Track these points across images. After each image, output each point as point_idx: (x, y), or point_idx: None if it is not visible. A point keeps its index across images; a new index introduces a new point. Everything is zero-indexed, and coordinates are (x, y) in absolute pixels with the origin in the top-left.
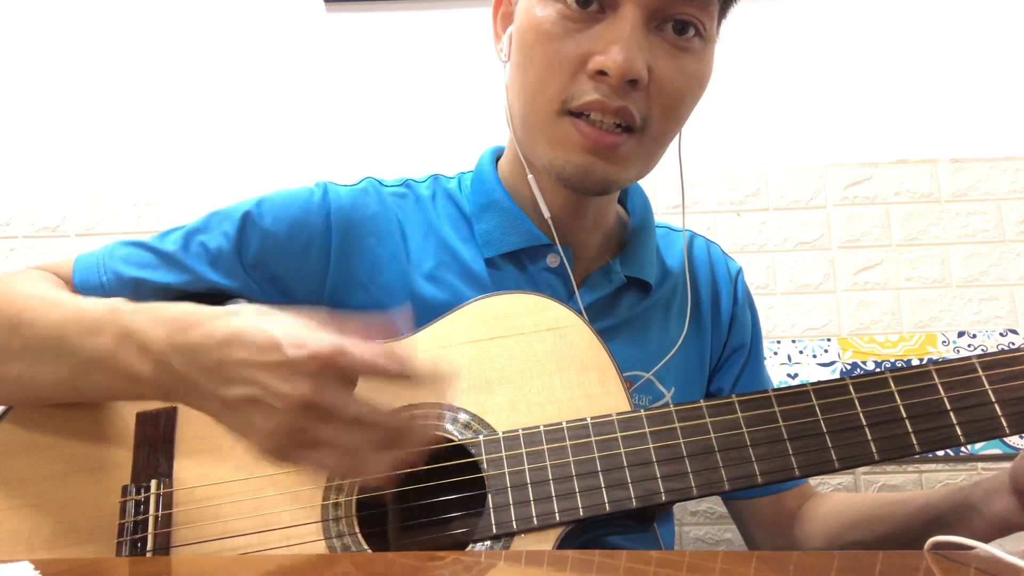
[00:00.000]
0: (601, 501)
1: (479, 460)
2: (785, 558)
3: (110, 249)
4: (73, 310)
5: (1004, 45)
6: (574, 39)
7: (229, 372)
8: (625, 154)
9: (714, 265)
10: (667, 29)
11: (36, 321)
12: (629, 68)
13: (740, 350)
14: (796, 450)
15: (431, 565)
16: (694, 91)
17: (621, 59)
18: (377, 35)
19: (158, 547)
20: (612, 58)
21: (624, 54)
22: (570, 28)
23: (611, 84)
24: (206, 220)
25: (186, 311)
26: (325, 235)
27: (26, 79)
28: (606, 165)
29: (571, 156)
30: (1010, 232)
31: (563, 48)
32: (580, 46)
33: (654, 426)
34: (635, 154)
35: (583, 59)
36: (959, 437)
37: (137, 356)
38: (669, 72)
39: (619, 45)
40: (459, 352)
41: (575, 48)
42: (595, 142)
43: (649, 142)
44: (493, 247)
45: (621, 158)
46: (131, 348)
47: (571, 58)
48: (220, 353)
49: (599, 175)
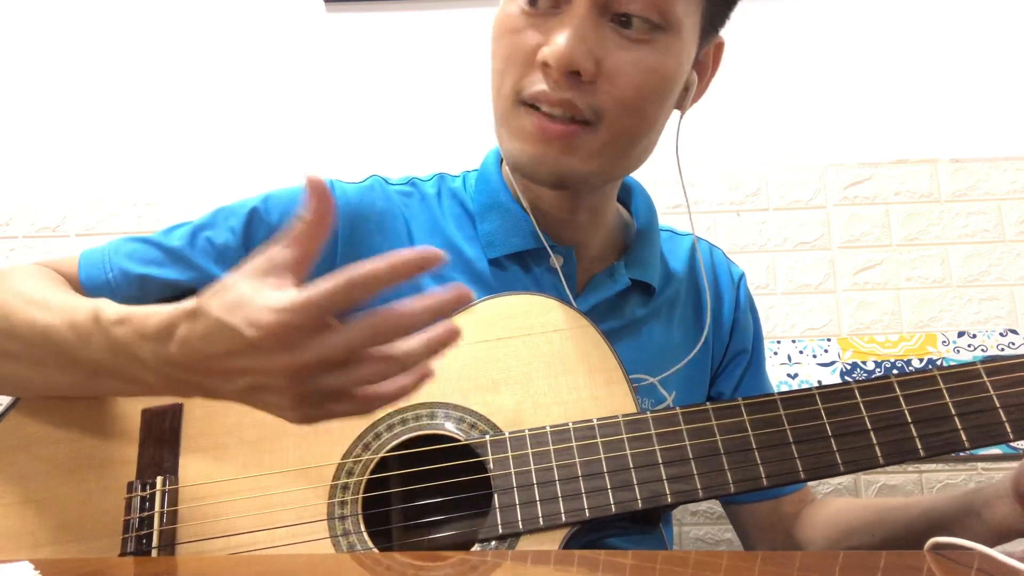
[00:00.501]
0: (607, 502)
1: (485, 460)
2: (789, 557)
3: (115, 245)
4: (61, 314)
5: (1004, 45)
6: (530, 32)
7: (219, 367)
8: (579, 145)
9: (717, 270)
10: (623, 22)
11: (28, 324)
12: (568, 59)
13: (741, 355)
14: (801, 453)
15: (437, 564)
16: (654, 84)
17: (560, 50)
18: (377, 35)
19: (163, 544)
20: (552, 49)
21: (564, 45)
22: (528, 22)
23: (552, 76)
24: (212, 216)
25: (160, 321)
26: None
27: (26, 79)
28: (557, 155)
29: (525, 146)
30: (1010, 232)
31: (520, 41)
32: (534, 39)
33: (660, 428)
34: (593, 147)
35: (534, 51)
36: (964, 442)
37: (137, 368)
38: (622, 64)
39: (562, 35)
40: (465, 352)
41: (530, 40)
42: (543, 131)
43: (609, 136)
44: (497, 248)
45: (574, 149)
46: (127, 360)
47: (525, 50)
48: (203, 357)
49: (550, 165)
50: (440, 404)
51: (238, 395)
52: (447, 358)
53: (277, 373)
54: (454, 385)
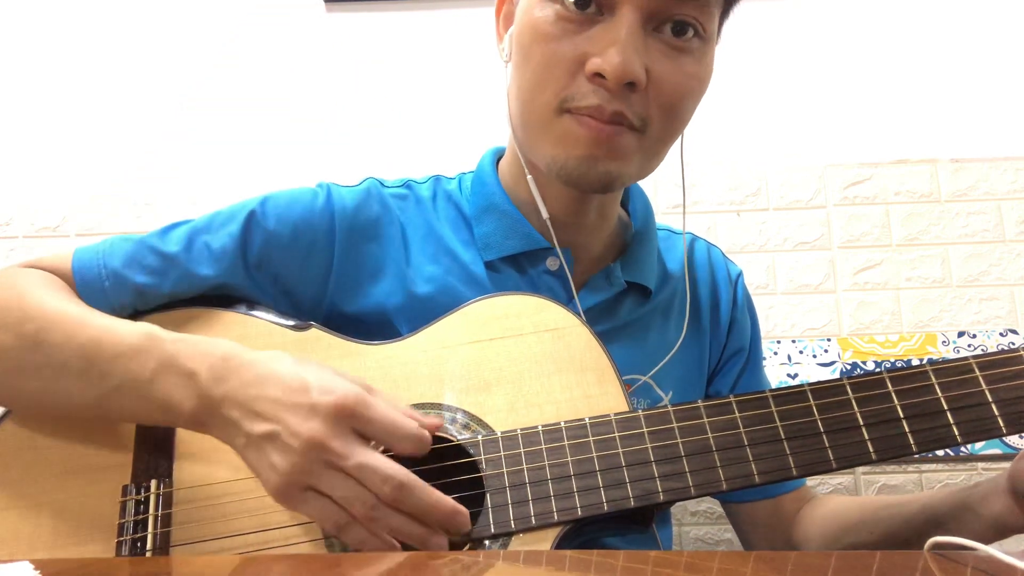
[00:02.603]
0: (599, 501)
1: (477, 460)
2: (783, 557)
3: (109, 247)
4: (105, 332)
5: (1004, 45)
6: (571, 40)
7: (259, 408)
8: (625, 147)
9: (714, 268)
10: (665, 31)
11: (62, 341)
12: (626, 71)
13: (739, 354)
14: (793, 450)
15: (430, 564)
16: (694, 91)
17: (618, 62)
18: (377, 35)
19: (158, 546)
20: (609, 61)
21: (621, 56)
22: (567, 29)
23: (608, 87)
24: (210, 219)
25: (228, 348)
26: (329, 238)
27: (26, 79)
28: (607, 159)
29: (574, 151)
30: (1010, 232)
31: (560, 49)
32: (577, 47)
33: (652, 426)
34: (635, 150)
35: (580, 60)
36: (956, 437)
37: (179, 385)
38: (667, 73)
39: (616, 48)
40: (458, 353)
41: (572, 49)
42: (599, 133)
43: (650, 142)
44: (493, 250)
45: (621, 151)
46: (173, 376)
47: (568, 59)
48: (255, 390)
49: (600, 169)
50: (433, 405)
51: (250, 440)
52: (440, 359)
53: (302, 437)
54: (447, 385)
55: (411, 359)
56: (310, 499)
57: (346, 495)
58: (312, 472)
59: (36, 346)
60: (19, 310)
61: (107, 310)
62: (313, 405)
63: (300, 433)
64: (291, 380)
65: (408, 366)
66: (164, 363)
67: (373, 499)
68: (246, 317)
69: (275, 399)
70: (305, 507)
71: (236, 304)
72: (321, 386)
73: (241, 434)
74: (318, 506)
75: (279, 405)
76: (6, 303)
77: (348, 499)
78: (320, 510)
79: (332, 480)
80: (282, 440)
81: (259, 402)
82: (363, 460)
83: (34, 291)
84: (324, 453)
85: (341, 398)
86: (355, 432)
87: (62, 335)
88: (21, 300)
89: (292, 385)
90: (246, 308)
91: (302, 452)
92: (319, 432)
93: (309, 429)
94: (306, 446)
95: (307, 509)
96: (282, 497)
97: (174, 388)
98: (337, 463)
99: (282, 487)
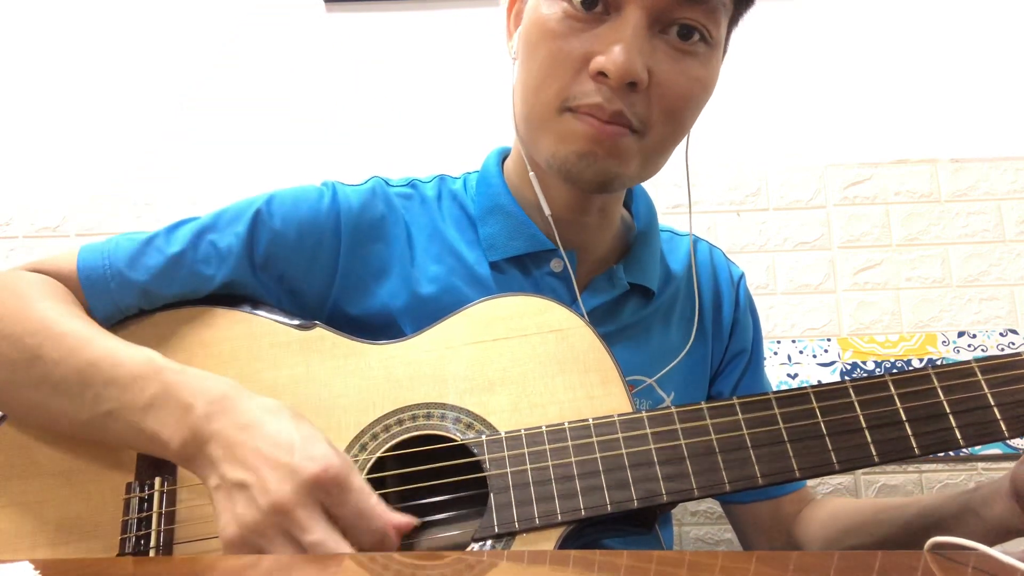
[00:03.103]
0: (603, 501)
1: (481, 460)
2: (784, 557)
3: (115, 246)
4: (106, 354)
5: (1004, 45)
6: (578, 38)
7: (240, 454)
8: (625, 147)
9: (716, 270)
10: (671, 33)
11: (62, 358)
12: (629, 70)
13: (741, 355)
14: (796, 452)
15: (433, 564)
16: (696, 95)
17: (621, 61)
18: (377, 35)
19: (161, 544)
20: (612, 59)
21: (624, 56)
22: (574, 27)
23: (611, 86)
24: (215, 218)
25: (229, 387)
26: (334, 237)
27: (26, 79)
28: (606, 158)
29: (575, 147)
30: (1010, 232)
31: (566, 47)
32: (583, 46)
33: (655, 427)
34: (634, 151)
35: (585, 59)
36: (958, 440)
37: (172, 417)
38: (671, 75)
39: (620, 46)
40: (462, 353)
41: (578, 47)
42: (600, 132)
43: (650, 146)
44: (497, 251)
45: (621, 151)
46: (168, 407)
47: (574, 57)
48: (243, 435)
49: (599, 167)
50: (437, 405)
51: (222, 483)
52: (444, 359)
53: (271, 498)
54: (451, 385)
55: (415, 359)
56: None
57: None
58: (267, 536)
59: (35, 360)
60: (21, 322)
61: (112, 310)
62: (293, 469)
63: (271, 492)
64: (279, 436)
65: (412, 366)
66: (162, 392)
67: None
68: (251, 316)
69: (258, 450)
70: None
71: (241, 303)
72: (306, 451)
73: (216, 474)
74: None
75: (260, 457)
76: (9, 312)
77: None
78: None
79: (283, 550)
80: (251, 493)
81: (242, 448)
82: (320, 539)
83: (38, 302)
84: (286, 520)
85: (322, 469)
86: (324, 508)
87: (62, 353)
88: (24, 311)
89: (279, 441)
90: (251, 307)
91: (266, 512)
92: (288, 498)
93: (280, 491)
94: (271, 508)
95: None
96: (229, 548)
97: (167, 419)
98: (294, 534)
99: (235, 539)
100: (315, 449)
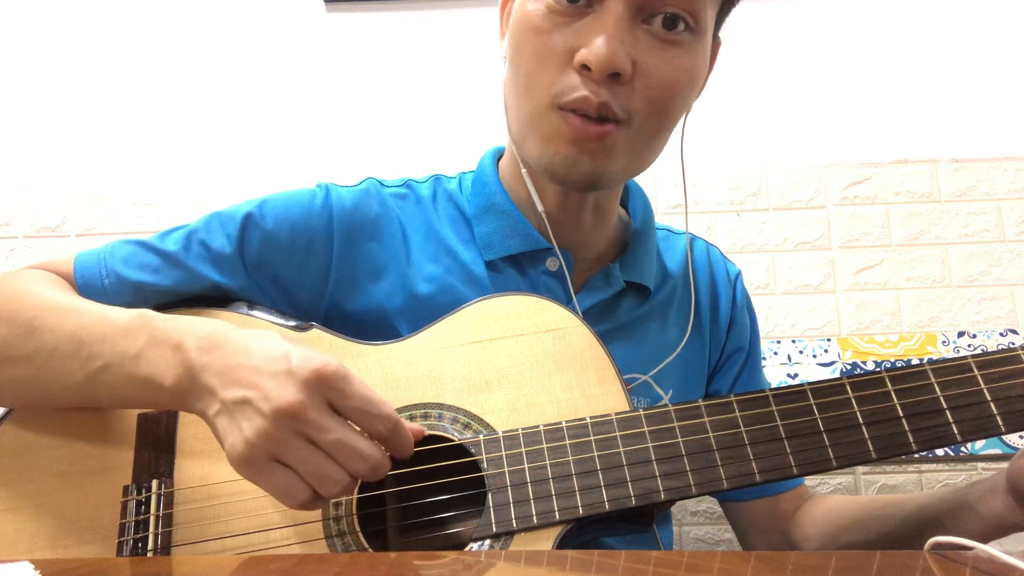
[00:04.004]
0: (600, 500)
1: (479, 460)
2: (783, 557)
3: (111, 249)
4: (98, 316)
5: (1004, 45)
6: (561, 33)
7: (237, 374)
8: (611, 145)
9: (714, 268)
10: (655, 23)
11: (55, 327)
12: (611, 62)
13: (738, 353)
14: (794, 448)
15: (432, 564)
16: (682, 85)
17: (604, 53)
18: (377, 35)
19: (159, 547)
20: (594, 51)
21: (606, 47)
22: (558, 22)
23: (594, 78)
24: (207, 221)
25: (218, 324)
26: (327, 237)
27: (26, 79)
28: (591, 159)
29: (559, 148)
30: (1010, 232)
31: (550, 42)
32: (567, 40)
33: (653, 425)
34: (621, 146)
35: (570, 53)
36: (955, 436)
37: (165, 357)
38: (655, 66)
39: (602, 38)
40: (458, 353)
41: (562, 42)
42: (582, 133)
43: (636, 136)
44: (493, 250)
45: (607, 149)
46: (160, 349)
47: (558, 52)
48: (237, 358)
49: (584, 168)
50: (434, 405)
51: (223, 407)
52: (441, 359)
53: (275, 403)
54: (448, 386)
55: (412, 359)
56: (275, 472)
57: (317, 472)
58: (281, 441)
59: (29, 333)
60: (15, 302)
61: None
62: (291, 371)
63: (273, 398)
64: (273, 350)
65: (409, 366)
66: (153, 338)
67: (348, 479)
68: (247, 317)
69: (254, 367)
70: (269, 480)
71: (236, 303)
72: (301, 354)
73: (216, 401)
74: (282, 480)
75: (257, 372)
76: (3, 295)
77: (318, 476)
78: (284, 485)
79: (302, 453)
80: (254, 405)
81: (238, 369)
82: (341, 436)
83: (31, 285)
84: (298, 423)
85: (321, 366)
86: (331, 405)
87: (55, 322)
88: (18, 293)
89: (274, 354)
90: (246, 308)
91: (274, 418)
92: (294, 399)
93: (284, 395)
94: (279, 413)
95: (270, 483)
96: (244, 466)
97: (159, 360)
98: (312, 435)
99: (246, 454)
100: (309, 352)
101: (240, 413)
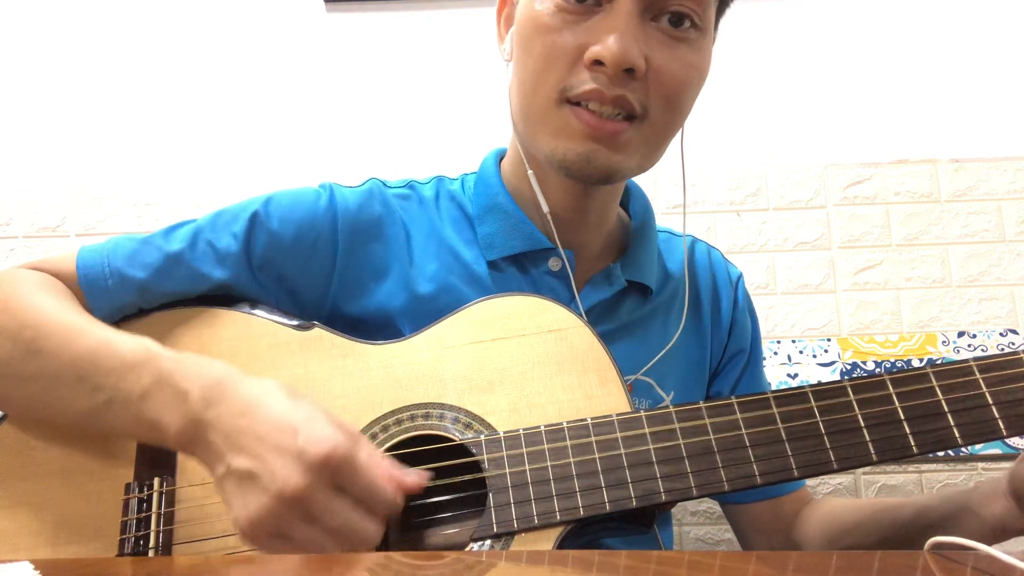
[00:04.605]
0: (601, 500)
1: (480, 460)
2: (784, 557)
3: (114, 246)
4: (102, 344)
5: (1004, 45)
6: (571, 31)
7: (242, 441)
8: (626, 142)
9: (715, 270)
10: (662, 21)
11: (58, 349)
12: (624, 57)
13: (739, 355)
14: (795, 451)
15: (432, 564)
16: (693, 81)
17: (617, 48)
18: (377, 35)
19: (160, 545)
20: (608, 47)
21: (620, 44)
22: (567, 20)
23: (608, 74)
24: (213, 219)
25: (224, 372)
26: (331, 238)
27: (26, 79)
28: (608, 152)
29: (572, 144)
30: (1010, 232)
31: (560, 40)
32: (577, 38)
33: (654, 427)
34: (637, 142)
35: (580, 50)
36: (957, 439)
37: (169, 404)
38: (667, 62)
39: (615, 35)
40: (460, 353)
41: (572, 39)
42: (596, 129)
43: (651, 131)
44: (495, 250)
45: (622, 145)
46: (165, 394)
47: (568, 49)
48: (243, 420)
49: (601, 162)
50: (435, 405)
51: (229, 472)
52: (443, 359)
53: (283, 486)
54: (449, 386)
55: (414, 359)
56: (277, 546)
57: (317, 546)
58: (287, 520)
59: (32, 354)
60: (17, 315)
61: (111, 308)
62: (300, 453)
63: (280, 480)
64: (279, 418)
65: (411, 366)
66: (158, 380)
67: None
68: (249, 316)
69: (260, 436)
70: (271, 552)
71: (239, 303)
72: (309, 432)
73: (222, 463)
74: (283, 549)
75: (263, 443)
76: (5, 307)
77: (318, 549)
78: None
79: (306, 532)
80: (261, 483)
81: (243, 436)
82: (344, 521)
83: (34, 296)
84: (305, 506)
85: (329, 452)
86: (335, 484)
87: (58, 344)
88: (20, 305)
89: (280, 424)
90: (249, 307)
91: (281, 501)
92: (301, 485)
93: (291, 478)
94: (283, 496)
95: (271, 551)
96: (248, 539)
97: (164, 407)
98: (318, 517)
99: (251, 529)
100: (319, 429)
101: (247, 486)
